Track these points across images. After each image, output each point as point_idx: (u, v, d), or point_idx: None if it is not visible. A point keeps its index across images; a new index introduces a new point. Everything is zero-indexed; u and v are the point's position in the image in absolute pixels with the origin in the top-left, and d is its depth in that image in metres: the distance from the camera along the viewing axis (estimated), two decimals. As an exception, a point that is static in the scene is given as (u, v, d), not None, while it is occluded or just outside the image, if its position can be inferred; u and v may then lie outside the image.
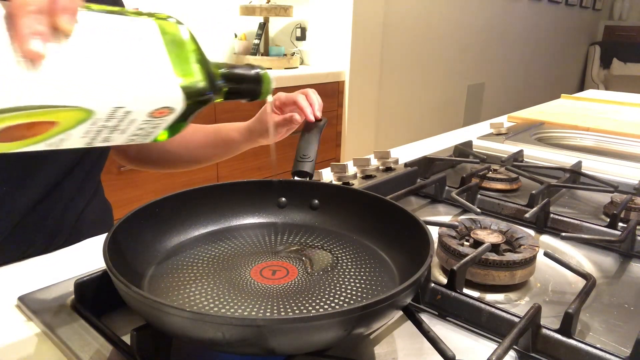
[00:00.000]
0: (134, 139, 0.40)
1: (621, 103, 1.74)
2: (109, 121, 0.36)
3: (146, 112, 0.37)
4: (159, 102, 0.37)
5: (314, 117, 0.70)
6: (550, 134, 1.33)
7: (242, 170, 2.04)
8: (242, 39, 2.44)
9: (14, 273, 0.55)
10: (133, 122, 0.37)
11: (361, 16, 2.42)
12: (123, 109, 0.36)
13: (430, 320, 0.48)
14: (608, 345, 0.45)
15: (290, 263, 0.50)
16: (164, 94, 0.37)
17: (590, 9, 5.54)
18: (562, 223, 0.70)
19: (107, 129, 0.37)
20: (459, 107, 3.68)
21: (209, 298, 0.44)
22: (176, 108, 0.39)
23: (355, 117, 2.54)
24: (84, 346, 0.41)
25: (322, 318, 0.34)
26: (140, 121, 0.38)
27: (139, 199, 1.72)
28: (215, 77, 0.42)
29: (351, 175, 0.80)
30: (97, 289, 0.46)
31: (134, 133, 0.39)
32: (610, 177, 0.91)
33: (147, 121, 0.38)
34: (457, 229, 0.60)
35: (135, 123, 0.38)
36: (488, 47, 3.81)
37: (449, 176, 0.92)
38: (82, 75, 0.33)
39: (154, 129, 0.40)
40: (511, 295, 0.54)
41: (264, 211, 0.60)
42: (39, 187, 0.67)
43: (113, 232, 0.44)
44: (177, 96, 0.38)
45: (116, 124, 0.37)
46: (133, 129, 0.38)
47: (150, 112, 0.37)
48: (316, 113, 0.70)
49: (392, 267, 0.50)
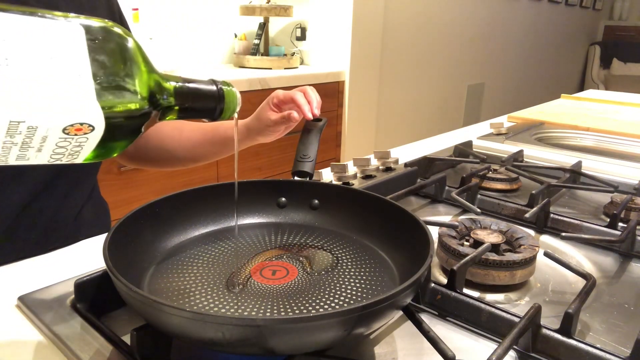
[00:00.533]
0: (59, 157, 0.36)
1: (621, 103, 1.74)
2: (14, 137, 0.32)
3: (58, 129, 0.33)
4: (70, 118, 0.33)
5: (312, 114, 0.69)
6: (550, 134, 1.33)
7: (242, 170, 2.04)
8: (242, 39, 2.44)
9: (14, 273, 0.55)
10: (46, 139, 0.33)
11: (361, 16, 2.42)
12: (24, 124, 0.31)
13: (430, 320, 0.48)
14: (608, 345, 0.45)
15: (290, 263, 0.51)
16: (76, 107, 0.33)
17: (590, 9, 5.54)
18: (562, 223, 0.70)
19: (15, 147, 0.33)
20: (459, 107, 3.68)
21: (209, 298, 0.44)
22: (95, 125, 0.34)
23: (355, 117, 2.54)
24: (84, 346, 0.41)
25: (322, 318, 0.34)
26: (56, 139, 0.33)
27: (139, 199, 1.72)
28: (161, 92, 0.38)
29: (351, 175, 0.80)
30: (97, 289, 0.46)
31: (55, 152, 0.35)
32: (610, 177, 0.91)
33: (65, 139, 0.34)
34: (457, 229, 0.60)
35: (49, 140, 0.33)
36: (488, 47, 3.81)
37: (449, 176, 0.92)
38: None
39: (79, 147, 0.35)
40: (511, 295, 0.54)
41: (264, 211, 0.60)
42: (31, 184, 0.67)
43: (113, 232, 0.44)
44: (92, 111, 0.33)
45: (25, 141, 0.33)
46: (50, 147, 0.34)
47: (63, 129, 0.33)
48: (314, 111, 0.70)
49: (392, 267, 0.50)
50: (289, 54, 2.50)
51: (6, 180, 0.64)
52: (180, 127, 0.87)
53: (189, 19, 2.31)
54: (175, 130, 0.86)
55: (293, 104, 0.71)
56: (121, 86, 0.35)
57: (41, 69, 0.31)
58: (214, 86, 0.42)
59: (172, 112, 0.40)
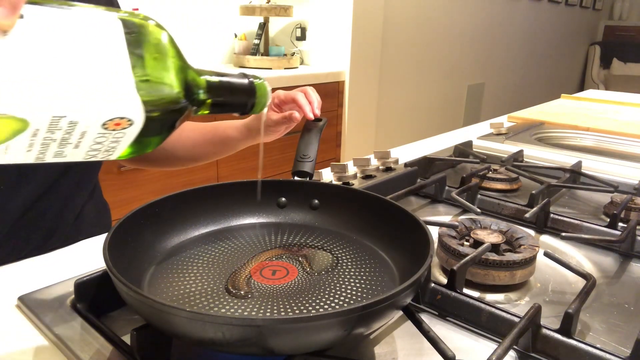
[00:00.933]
0: (95, 154, 0.35)
1: (621, 103, 1.74)
2: (54, 133, 0.32)
3: (98, 124, 0.33)
4: (111, 112, 0.33)
5: (313, 114, 0.70)
6: (550, 134, 1.33)
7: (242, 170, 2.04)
8: (242, 39, 2.44)
9: (14, 273, 0.55)
10: (85, 134, 0.33)
11: (361, 16, 2.42)
12: (66, 119, 0.31)
13: (430, 320, 0.48)
14: (608, 345, 0.45)
15: (290, 263, 0.50)
16: (116, 101, 0.33)
17: (590, 9, 5.54)
18: (562, 223, 0.70)
19: (54, 143, 0.32)
20: (459, 107, 3.68)
21: (208, 298, 0.44)
22: (134, 119, 0.34)
23: (355, 117, 2.54)
24: (84, 346, 0.41)
25: (322, 318, 0.34)
26: (95, 134, 0.33)
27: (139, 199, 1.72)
28: (196, 86, 0.38)
29: (351, 175, 0.80)
30: (97, 289, 0.46)
31: (92, 147, 0.34)
32: (610, 177, 0.91)
33: (103, 134, 0.34)
34: (457, 229, 0.60)
35: (88, 136, 0.33)
36: (488, 47, 3.81)
37: (449, 176, 0.92)
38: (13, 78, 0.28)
39: (116, 143, 0.35)
40: (511, 295, 0.53)
41: (264, 211, 0.60)
42: (35, 185, 0.67)
43: (113, 232, 0.44)
44: (133, 104, 0.33)
45: (64, 137, 0.32)
46: (88, 142, 0.34)
47: (103, 124, 0.33)
48: (315, 111, 0.70)
49: (392, 267, 0.50)
50: (289, 54, 2.50)
51: (11, 181, 0.64)
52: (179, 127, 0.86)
53: (189, 19, 2.31)
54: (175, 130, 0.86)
55: (294, 104, 0.72)
56: (159, 80, 0.35)
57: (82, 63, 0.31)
58: (245, 80, 0.42)
59: (204, 106, 0.40)
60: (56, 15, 0.31)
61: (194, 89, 0.38)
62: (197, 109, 0.40)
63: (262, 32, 2.39)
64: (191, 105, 0.38)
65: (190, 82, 0.37)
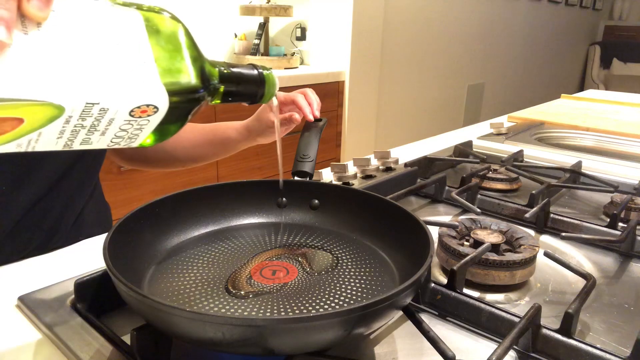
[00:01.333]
0: (118, 141, 0.37)
1: (621, 103, 1.74)
2: (85, 120, 0.34)
3: (126, 110, 0.35)
4: (138, 99, 0.35)
5: (312, 116, 0.70)
6: (550, 134, 1.33)
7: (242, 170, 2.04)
8: (242, 39, 2.44)
9: (14, 273, 0.55)
10: (112, 121, 0.35)
11: (361, 16, 2.42)
12: (98, 106, 0.33)
13: (430, 320, 0.48)
14: (608, 345, 0.45)
15: (290, 263, 0.50)
16: (143, 89, 0.35)
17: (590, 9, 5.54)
18: (562, 223, 0.70)
19: (84, 130, 0.34)
20: (459, 107, 3.68)
21: (208, 298, 0.44)
22: (159, 106, 0.36)
23: (355, 117, 2.54)
24: (84, 346, 0.41)
25: (322, 318, 0.34)
26: (121, 121, 0.35)
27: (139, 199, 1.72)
28: (210, 76, 0.40)
29: (351, 175, 0.80)
30: (97, 289, 0.46)
31: (116, 135, 0.37)
32: (610, 177, 0.91)
33: (129, 121, 0.36)
34: (457, 229, 0.60)
35: (115, 123, 0.35)
36: (488, 47, 3.81)
37: (449, 176, 0.92)
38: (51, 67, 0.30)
39: (139, 130, 0.37)
40: (511, 295, 0.53)
41: (264, 211, 0.60)
42: (37, 186, 0.67)
43: (113, 232, 0.44)
44: (159, 92, 0.35)
45: (93, 124, 0.34)
46: (114, 130, 0.36)
47: (130, 111, 0.35)
48: (315, 112, 0.70)
49: (392, 267, 0.50)
50: (289, 54, 2.51)
51: (14, 182, 0.64)
52: None
53: (189, 19, 2.31)
54: None
55: (294, 105, 0.72)
56: (179, 69, 0.37)
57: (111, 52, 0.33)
58: (255, 70, 0.44)
59: (217, 95, 0.42)
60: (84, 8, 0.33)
61: (210, 79, 0.40)
62: (211, 98, 0.42)
63: (262, 32, 2.39)
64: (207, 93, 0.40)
65: (206, 71, 0.40)
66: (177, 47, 0.37)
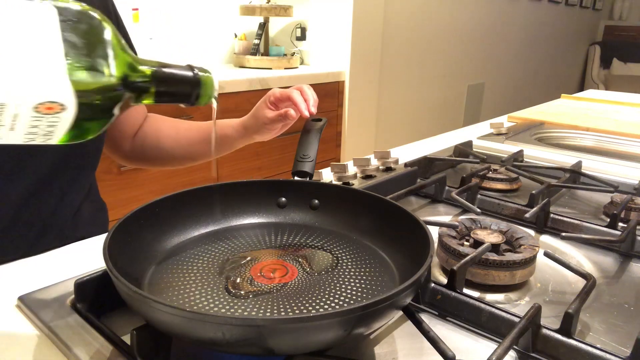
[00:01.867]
0: (33, 138, 0.36)
1: (621, 103, 1.74)
2: None
3: (28, 107, 0.33)
4: (40, 96, 0.33)
5: (308, 112, 0.70)
6: (550, 134, 1.33)
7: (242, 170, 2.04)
8: (242, 39, 2.44)
9: (14, 273, 0.55)
10: (17, 117, 0.33)
11: (361, 16, 2.42)
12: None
13: (430, 320, 0.48)
14: (608, 345, 0.45)
15: (290, 263, 0.51)
16: (46, 85, 0.33)
17: (590, 9, 5.54)
18: (562, 223, 0.70)
19: None
20: (459, 107, 3.68)
21: (208, 298, 0.44)
22: (66, 103, 0.34)
23: (355, 117, 2.54)
24: (84, 346, 0.41)
25: (322, 318, 0.34)
26: (28, 117, 0.34)
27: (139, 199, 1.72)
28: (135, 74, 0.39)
29: (351, 175, 0.80)
30: (97, 289, 0.46)
31: (29, 131, 0.35)
32: (610, 177, 0.91)
33: (37, 118, 0.34)
34: (457, 229, 0.60)
35: (21, 119, 0.34)
36: (488, 47, 3.81)
37: (449, 176, 0.92)
38: None
39: (52, 127, 0.35)
40: (511, 295, 0.53)
41: (264, 211, 0.60)
42: (30, 181, 0.67)
43: (113, 232, 0.44)
44: (64, 89, 0.34)
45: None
46: (23, 126, 0.34)
47: (34, 107, 0.33)
48: (311, 109, 0.70)
49: (392, 267, 0.50)
50: (289, 54, 2.50)
51: (3, 177, 0.65)
52: (176, 126, 0.87)
53: (189, 19, 2.31)
54: (172, 129, 0.86)
55: (290, 101, 0.72)
56: (93, 67, 0.36)
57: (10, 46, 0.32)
58: (190, 72, 0.43)
59: (148, 95, 0.41)
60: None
61: (133, 78, 0.39)
62: (139, 97, 0.41)
63: (262, 32, 2.39)
64: (130, 93, 0.39)
65: (128, 70, 0.38)
66: (93, 43, 0.35)
